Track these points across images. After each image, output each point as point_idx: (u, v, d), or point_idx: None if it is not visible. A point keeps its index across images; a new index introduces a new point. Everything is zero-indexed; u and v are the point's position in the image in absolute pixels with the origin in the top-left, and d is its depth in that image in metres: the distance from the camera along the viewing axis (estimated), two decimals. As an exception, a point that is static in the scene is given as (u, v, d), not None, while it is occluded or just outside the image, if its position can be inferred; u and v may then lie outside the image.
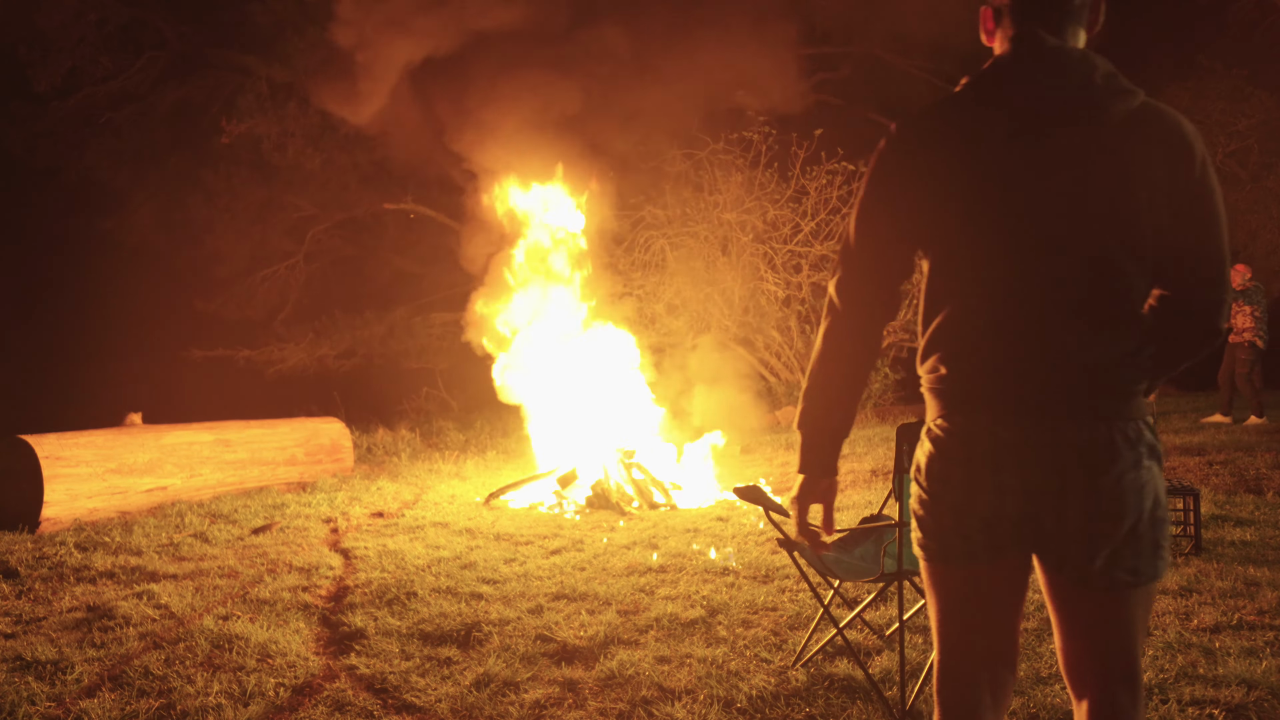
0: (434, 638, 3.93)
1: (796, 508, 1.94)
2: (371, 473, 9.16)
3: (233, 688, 3.38)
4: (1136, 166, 1.69)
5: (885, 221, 1.82)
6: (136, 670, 3.54)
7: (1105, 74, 1.71)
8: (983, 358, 1.75)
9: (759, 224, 13.38)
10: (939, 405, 1.82)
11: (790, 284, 13.50)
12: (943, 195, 1.76)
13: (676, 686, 3.33)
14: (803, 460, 1.93)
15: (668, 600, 4.38)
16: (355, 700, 3.29)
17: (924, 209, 1.78)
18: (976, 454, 1.74)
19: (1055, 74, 1.72)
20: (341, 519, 6.71)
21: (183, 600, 4.52)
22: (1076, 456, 1.69)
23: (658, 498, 7.30)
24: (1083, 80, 1.70)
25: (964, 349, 1.78)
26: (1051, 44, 1.74)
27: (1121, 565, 1.72)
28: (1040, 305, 1.72)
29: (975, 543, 1.78)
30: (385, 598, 4.51)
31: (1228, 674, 3.22)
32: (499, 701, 3.26)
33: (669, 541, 5.70)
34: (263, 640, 3.84)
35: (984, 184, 1.74)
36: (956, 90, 1.82)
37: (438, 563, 5.24)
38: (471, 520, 6.58)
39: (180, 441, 7.52)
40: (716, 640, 3.82)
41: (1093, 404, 1.71)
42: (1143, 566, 1.74)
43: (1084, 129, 1.70)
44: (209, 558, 5.50)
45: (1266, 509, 5.86)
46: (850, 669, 3.38)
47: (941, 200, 1.76)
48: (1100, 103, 1.70)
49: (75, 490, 6.55)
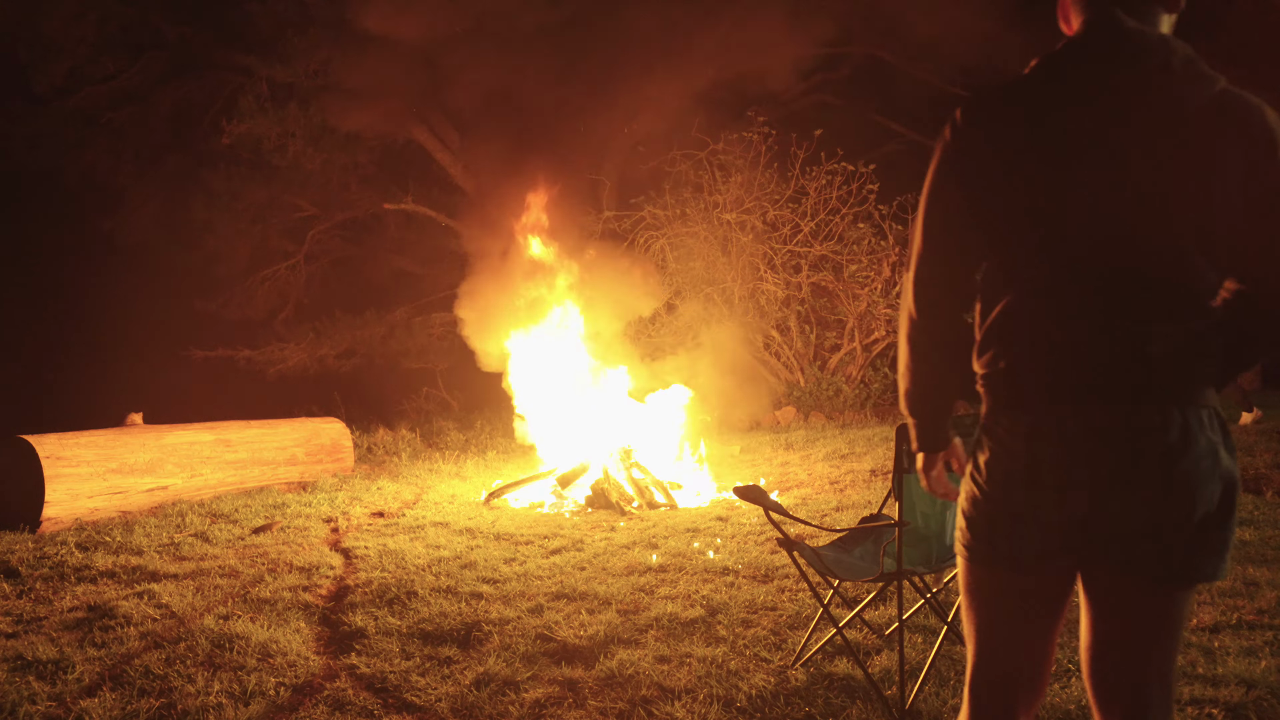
0: (434, 637, 3.94)
1: (924, 478, 2.00)
2: (372, 472, 9.17)
3: (233, 687, 3.38)
4: (1213, 155, 1.62)
5: (952, 213, 1.77)
6: (137, 670, 3.54)
7: (1184, 59, 1.65)
8: (1046, 347, 1.70)
9: (759, 224, 13.38)
10: (998, 400, 1.77)
11: (790, 284, 13.50)
12: (1009, 181, 1.70)
13: (676, 686, 3.33)
14: (916, 439, 1.96)
15: (667, 600, 4.39)
16: (355, 699, 3.30)
17: (990, 195, 1.73)
18: (1041, 449, 1.69)
19: (1132, 58, 1.65)
20: (342, 519, 6.71)
21: (183, 600, 4.52)
22: (1150, 441, 1.63)
23: (658, 497, 7.30)
24: (1160, 64, 1.64)
25: (1026, 339, 1.72)
26: (1130, 26, 1.67)
27: (1184, 560, 1.67)
28: (1108, 294, 1.66)
29: (1027, 548, 1.73)
30: (385, 597, 4.52)
31: (1227, 673, 3.22)
32: (499, 701, 3.27)
33: (669, 541, 5.70)
34: (263, 640, 3.84)
35: (1053, 170, 1.68)
36: (1025, 72, 1.75)
37: (438, 562, 5.25)
38: (472, 520, 6.59)
39: (181, 441, 7.53)
40: (716, 640, 3.83)
41: (1163, 390, 1.65)
42: (1203, 564, 1.69)
43: (1159, 115, 1.64)
44: (210, 557, 5.50)
45: (1266, 509, 5.86)
46: (850, 668, 3.39)
47: (1008, 186, 1.71)
48: (1177, 89, 1.63)
49: (76, 490, 6.56)
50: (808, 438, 10.70)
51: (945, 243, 1.79)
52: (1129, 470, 1.65)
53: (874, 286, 13.14)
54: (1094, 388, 1.67)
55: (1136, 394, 1.65)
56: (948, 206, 1.78)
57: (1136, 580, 1.71)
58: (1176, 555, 1.67)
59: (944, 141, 1.78)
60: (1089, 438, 1.66)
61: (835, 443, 10.01)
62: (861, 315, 13.31)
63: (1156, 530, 1.66)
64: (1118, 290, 1.66)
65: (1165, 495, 1.64)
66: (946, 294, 1.81)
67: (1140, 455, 1.64)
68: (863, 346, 13.47)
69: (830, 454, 9.33)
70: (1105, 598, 1.76)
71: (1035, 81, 1.73)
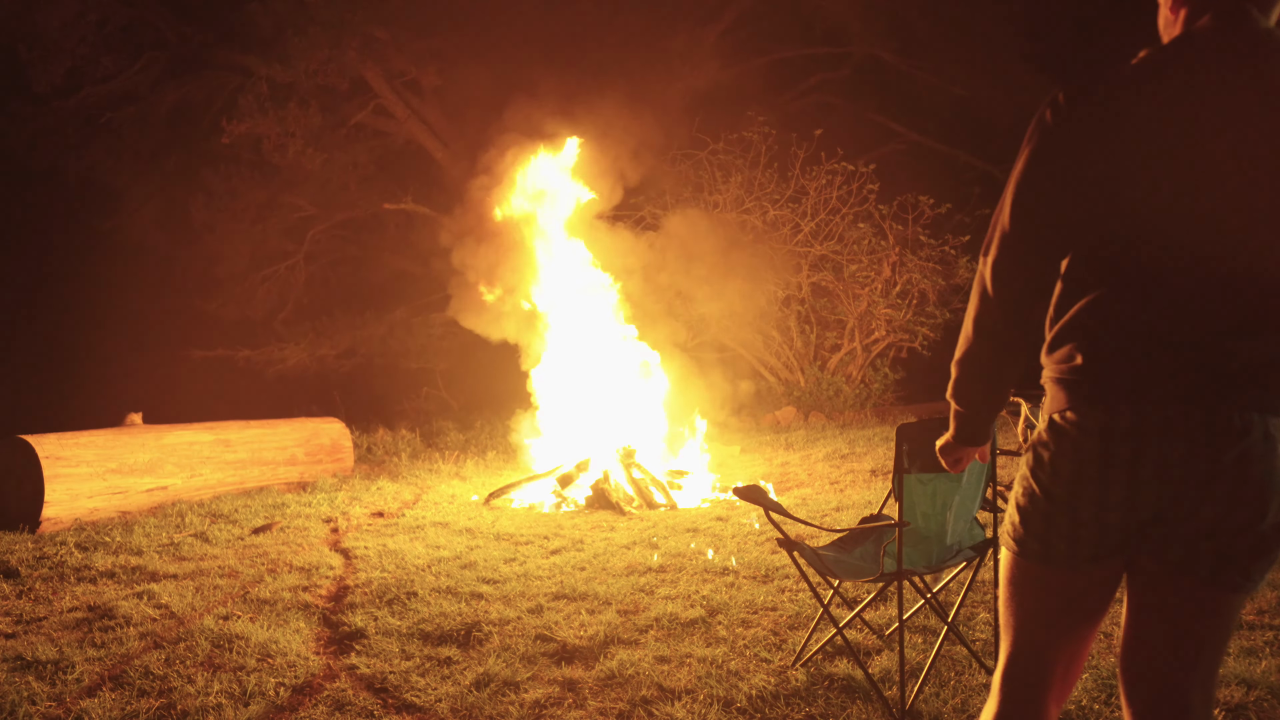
0: (434, 637, 3.94)
1: (945, 459, 1.99)
2: (371, 473, 9.16)
3: (233, 687, 3.38)
4: None
5: (1047, 200, 1.68)
6: (137, 670, 3.54)
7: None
8: (1131, 346, 1.65)
9: (759, 224, 13.38)
10: (1071, 396, 1.71)
11: (790, 284, 13.49)
12: (1112, 173, 1.62)
13: (676, 686, 3.33)
14: (956, 429, 1.92)
15: (667, 600, 4.39)
16: (355, 700, 3.29)
17: (1088, 186, 1.64)
18: (1116, 447, 1.65)
19: (1260, 56, 1.59)
20: (342, 519, 6.71)
21: (183, 600, 4.52)
22: (1228, 443, 1.60)
23: (657, 497, 7.30)
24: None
25: (1111, 336, 1.67)
26: (1262, 25, 1.62)
27: (1241, 566, 1.66)
28: (1204, 298, 1.61)
29: (1083, 549, 1.71)
30: (385, 597, 4.51)
31: (1227, 674, 3.21)
32: (499, 701, 3.26)
33: (669, 541, 5.70)
34: (263, 640, 3.84)
35: (1163, 166, 1.60)
36: (1134, 62, 1.67)
37: (438, 562, 5.25)
38: (471, 520, 6.59)
39: (181, 441, 7.53)
40: (716, 640, 3.83)
41: (1248, 397, 1.61)
42: (1256, 572, 1.67)
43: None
44: (209, 557, 5.50)
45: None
46: (850, 669, 3.38)
47: (1110, 178, 1.63)
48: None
49: (76, 490, 6.56)
50: (808, 438, 10.70)
51: (1033, 230, 1.70)
52: (1204, 471, 1.62)
53: (874, 286, 13.14)
54: (1176, 389, 1.63)
55: (1219, 398, 1.61)
56: (1040, 193, 1.69)
57: (1188, 581, 1.69)
58: (1235, 560, 1.65)
59: (1043, 124, 1.68)
60: (1165, 434, 1.63)
61: (835, 443, 10.01)
62: (862, 315, 13.30)
63: (1219, 533, 1.64)
64: (1212, 293, 1.61)
65: (1236, 499, 1.62)
66: (1027, 284, 1.73)
67: (1217, 457, 1.61)
68: (863, 346, 13.46)
69: (830, 454, 9.33)
70: (1153, 597, 1.74)
71: (1146, 74, 1.64)
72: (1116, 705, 3.05)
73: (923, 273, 12.95)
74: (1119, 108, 1.63)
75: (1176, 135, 1.60)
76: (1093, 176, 1.64)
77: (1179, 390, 1.62)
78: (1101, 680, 3.24)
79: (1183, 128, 1.60)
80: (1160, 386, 1.63)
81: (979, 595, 4.21)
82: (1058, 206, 1.68)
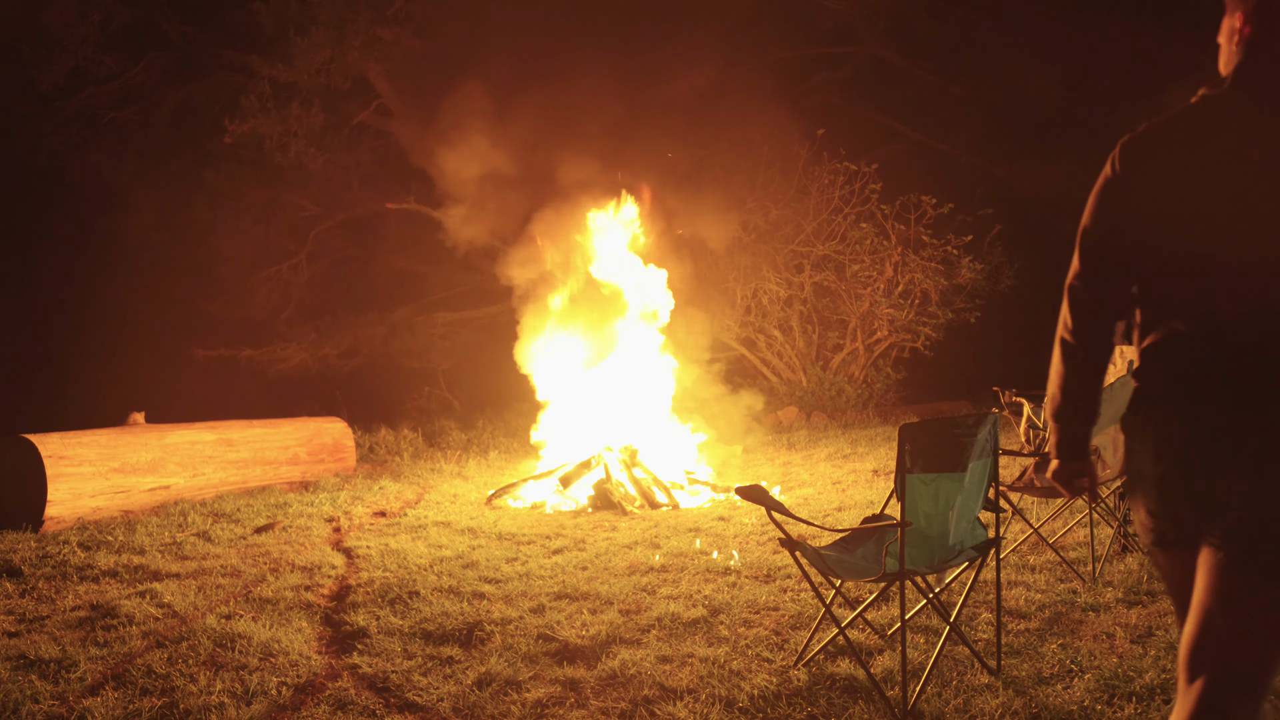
0: (436, 637, 3.94)
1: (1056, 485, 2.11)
2: (374, 472, 9.17)
3: (235, 686, 3.39)
4: None
5: (1113, 234, 1.88)
6: (139, 669, 3.55)
7: None
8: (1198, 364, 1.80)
9: (760, 223, 13.38)
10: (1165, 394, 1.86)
11: (792, 284, 13.49)
12: (1174, 214, 1.79)
13: (678, 686, 3.34)
14: (1057, 447, 2.07)
15: (669, 600, 4.39)
16: (357, 699, 3.30)
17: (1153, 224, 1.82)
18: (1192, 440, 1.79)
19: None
20: (344, 518, 6.72)
21: (185, 599, 4.53)
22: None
23: (659, 497, 7.30)
24: None
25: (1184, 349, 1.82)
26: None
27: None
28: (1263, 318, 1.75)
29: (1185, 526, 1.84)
30: (387, 597, 4.52)
31: None
32: (501, 701, 3.27)
33: (671, 541, 5.70)
34: (265, 639, 3.85)
35: (1222, 205, 1.75)
36: (1193, 101, 1.83)
37: (440, 562, 5.25)
38: (474, 520, 6.59)
39: (183, 441, 7.54)
40: (718, 640, 3.83)
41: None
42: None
43: None
44: (212, 557, 5.51)
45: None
46: (852, 669, 3.39)
47: (1172, 218, 1.79)
48: None
49: (78, 489, 6.57)
50: (810, 438, 10.70)
51: (1103, 261, 1.91)
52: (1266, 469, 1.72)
53: (876, 286, 13.13)
54: (1240, 396, 1.77)
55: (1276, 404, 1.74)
56: (1107, 232, 1.89)
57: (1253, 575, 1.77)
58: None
59: (1108, 171, 1.87)
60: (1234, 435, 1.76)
61: (837, 442, 10.01)
62: (864, 315, 13.30)
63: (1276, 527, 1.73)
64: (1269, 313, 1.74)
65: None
66: (1101, 311, 1.94)
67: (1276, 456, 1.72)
68: (865, 346, 13.46)
69: (832, 454, 9.33)
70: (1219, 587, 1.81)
71: (1202, 117, 1.81)
72: (1117, 705, 3.05)
73: (925, 272, 12.94)
74: (1177, 158, 1.79)
75: (1228, 179, 1.75)
76: (1154, 215, 1.82)
77: (1242, 398, 1.77)
78: (1103, 680, 3.24)
79: (1235, 170, 1.76)
80: (1227, 392, 1.78)
81: (981, 595, 4.21)
82: (1123, 245, 1.88)
